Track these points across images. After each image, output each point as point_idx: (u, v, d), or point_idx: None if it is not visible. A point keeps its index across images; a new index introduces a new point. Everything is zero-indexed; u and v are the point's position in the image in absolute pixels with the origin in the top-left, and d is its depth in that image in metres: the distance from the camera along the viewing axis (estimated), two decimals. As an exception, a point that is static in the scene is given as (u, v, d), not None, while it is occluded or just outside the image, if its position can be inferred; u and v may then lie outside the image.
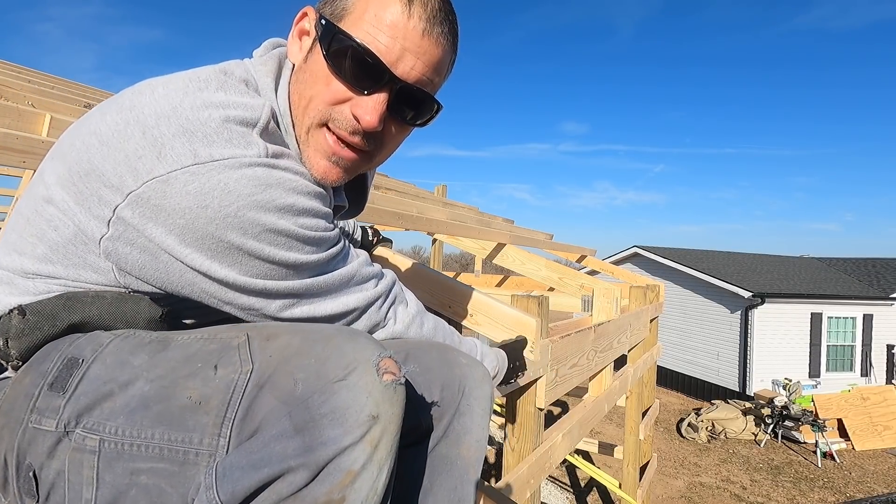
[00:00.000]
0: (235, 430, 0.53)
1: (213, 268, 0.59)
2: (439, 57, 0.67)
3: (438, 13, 0.65)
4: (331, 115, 0.66)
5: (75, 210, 0.58)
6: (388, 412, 0.52)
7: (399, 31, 0.63)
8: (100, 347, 0.60)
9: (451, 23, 0.67)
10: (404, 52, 0.63)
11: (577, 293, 3.25)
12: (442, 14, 0.66)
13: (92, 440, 0.54)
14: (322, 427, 0.50)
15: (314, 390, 0.52)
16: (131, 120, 0.57)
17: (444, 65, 0.69)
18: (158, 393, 0.55)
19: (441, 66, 0.68)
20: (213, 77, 0.62)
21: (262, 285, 0.62)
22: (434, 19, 0.64)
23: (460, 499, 0.69)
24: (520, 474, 1.51)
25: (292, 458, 0.50)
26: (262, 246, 0.59)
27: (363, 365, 0.53)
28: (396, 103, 0.66)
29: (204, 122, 0.57)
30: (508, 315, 1.34)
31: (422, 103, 0.68)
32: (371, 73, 0.63)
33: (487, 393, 0.74)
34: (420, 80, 0.66)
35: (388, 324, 0.77)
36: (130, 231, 0.57)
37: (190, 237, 0.56)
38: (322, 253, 0.65)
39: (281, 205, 0.59)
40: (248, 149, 0.58)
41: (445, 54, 0.68)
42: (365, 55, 0.62)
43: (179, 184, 0.55)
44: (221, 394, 0.54)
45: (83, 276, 0.61)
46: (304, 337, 0.58)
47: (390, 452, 0.54)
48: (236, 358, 0.57)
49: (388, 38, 0.63)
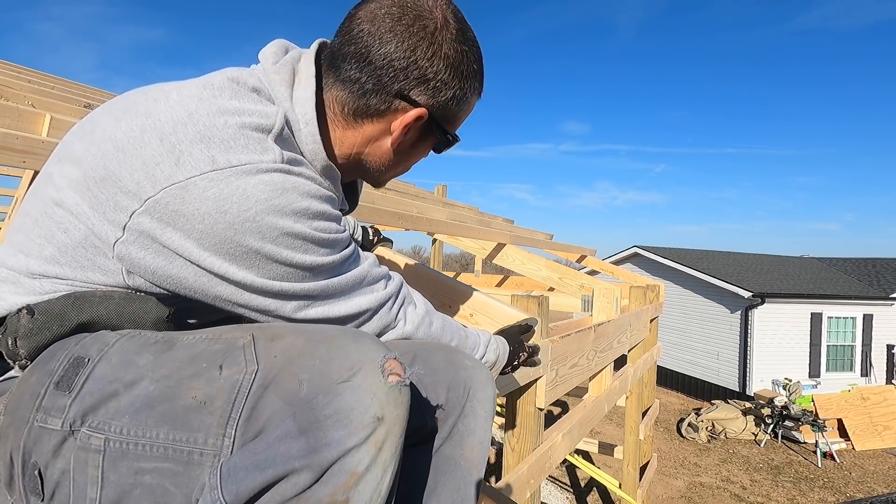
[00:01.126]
0: (240, 430, 0.54)
1: (231, 270, 0.60)
2: None
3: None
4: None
5: (89, 214, 0.59)
6: (393, 413, 0.53)
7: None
8: (105, 347, 0.60)
9: None
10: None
11: (577, 293, 3.25)
12: None
13: (97, 439, 0.54)
14: (326, 428, 0.50)
15: (319, 391, 0.52)
16: (148, 127, 0.58)
17: None
18: (163, 393, 0.56)
19: None
20: (225, 85, 0.64)
21: (279, 287, 0.63)
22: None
23: (463, 499, 0.70)
24: (520, 474, 1.51)
25: (296, 460, 0.50)
26: (279, 249, 0.60)
27: (368, 366, 0.53)
28: None
29: (221, 129, 0.59)
30: (508, 315, 1.34)
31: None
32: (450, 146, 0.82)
33: (490, 395, 0.75)
34: None
35: (398, 325, 0.78)
36: (146, 236, 0.58)
37: (209, 241, 0.57)
38: (336, 255, 0.67)
39: (297, 209, 0.60)
40: (264, 154, 0.60)
41: None
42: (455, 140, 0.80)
43: (198, 190, 0.56)
44: (226, 394, 0.55)
45: (90, 278, 0.62)
46: (309, 338, 0.58)
47: (395, 454, 0.54)
48: (241, 358, 0.57)
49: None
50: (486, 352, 0.92)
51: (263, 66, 0.71)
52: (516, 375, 1.40)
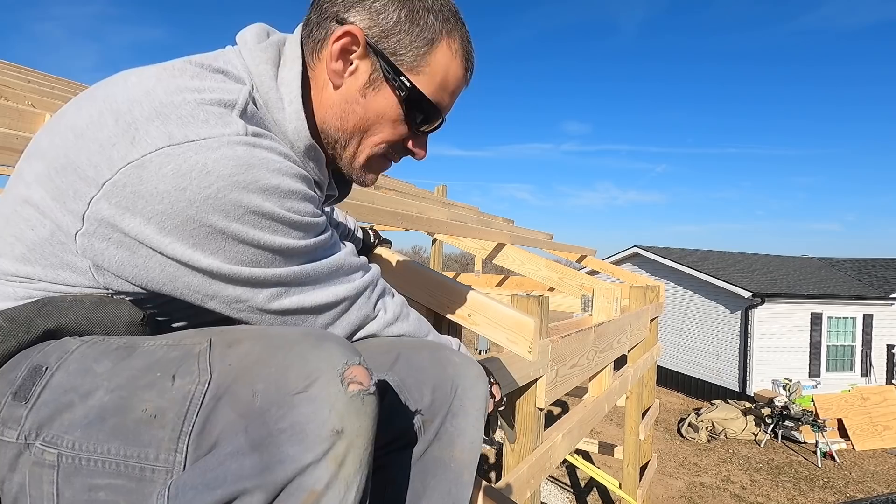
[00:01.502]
0: (192, 445, 0.50)
1: (196, 257, 0.56)
2: None
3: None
4: (393, 148, 0.76)
5: (52, 207, 0.56)
6: (355, 425, 0.49)
7: (458, 92, 0.76)
8: (65, 354, 0.57)
9: None
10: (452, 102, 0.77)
11: (577, 293, 3.25)
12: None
13: (50, 454, 0.51)
14: (280, 444, 0.47)
15: (272, 403, 0.49)
16: (104, 109, 0.55)
17: None
18: (116, 404, 0.52)
19: None
20: (186, 67, 0.61)
21: (249, 273, 0.59)
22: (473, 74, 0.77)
23: (455, 502, 0.68)
24: (520, 474, 1.51)
25: (248, 479, 0.47)
26: (246, 229, 0.56)
27: (326, 374, 0.50)
28: None
29: (178, 105, 0.55)
30: (507, 315, 1.34)
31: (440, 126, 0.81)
32: (432, 121, 0.75)
33: (482, 393, 0.72)
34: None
35: (378, 314, 0.75)
36: (106, 225, 0.54)
37: (170, 224, 0.54)
38: (310, 239, 0.63)
39: (265, 186, 0.56)
40: (226, 128, 0.56)
41: None
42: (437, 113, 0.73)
43: (155, 167, 0.52)
44: (177, 406, 0.51)
45: (62, 277, 0.59)
46: (267, 343, 0.54)
47: (360, 468, 0.50)
48: (195, 367, 0.54)
49: (449, 99, 0.75)
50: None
51: (248, 46, 0.68)
52: (516, 376, 1.40)
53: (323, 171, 0.73)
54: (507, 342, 1.35)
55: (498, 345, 1.31)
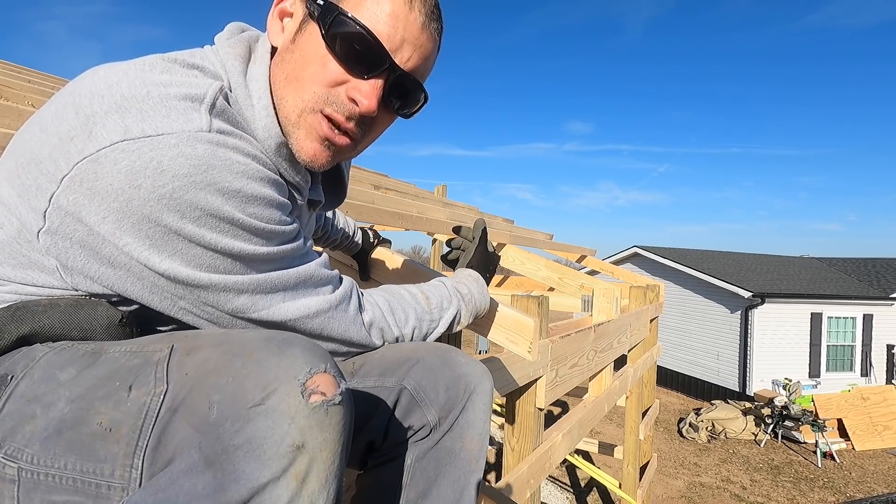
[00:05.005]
0: (147, 460, 0.48)
1: (154, 259, 0.54)
2: (431, 51, 0.69)
3: (434, 10, 0.67)
4: (327, 99, 0.64)
5: (17, 204, 0.54)
6: (318, 439, 0.45)
7: (400, 22, 0.63)
8: (32, 362, 0.55)
9: (441, 22, 0.69)
10: (403, 42, 0.64)
11: (577, 293, 3.25)
12: (437, 11, 0.68)
13: (11, 468, 0.49)
14: (235, 461, 0.44)
15: (227, 416, 0.45)
16: (68, 103, 0.54)
17: (433, 61, 0.71)
18: (74, 416, 0.50)
19: (431, 61, 0.70)
20: (157, 62, 0.59)
21: (208, 279, 0.57)
22: (431, 15, 0.66)
23: (462, 488, 0.71)
24: (520, 474, 1.51)
25: (201, 499, 0.44)
26: (203, 231, 0.54)
27: (285, 385, 0.46)
28: (389, 92, 0.67)
29: (141, 99, 0.53)
30: (507, 315, 1.34)
31: (412, 94, 0.70)
32: (372, 58, 0.63)
33: (488, 389, 0.76)
34: (415, 71, 0.67)
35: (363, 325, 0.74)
36: (67, 222, 0.52)
37: (126, 222, 0.52)
38: (274, 247, 0.60)
39: (225, 188, 0.54)
40: (187, 124, 0.53)
41: (435, 51, 0.70)
42: (369, 38, 0.62)
43: (109, 162, 0.50)
44: (133, 419, 0.49)
45: (31, 278, 0.57)
46: (226, 350, 0.51)
47: (325, 484, 0.46)
48: (152, 377, 0.51)
49: (390, 27, 0.63)
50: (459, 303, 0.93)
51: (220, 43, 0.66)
52: (516, 376, 1.40)
53: (300, 170, 0.70)
54: (506, 342, 1.35)
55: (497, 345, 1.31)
